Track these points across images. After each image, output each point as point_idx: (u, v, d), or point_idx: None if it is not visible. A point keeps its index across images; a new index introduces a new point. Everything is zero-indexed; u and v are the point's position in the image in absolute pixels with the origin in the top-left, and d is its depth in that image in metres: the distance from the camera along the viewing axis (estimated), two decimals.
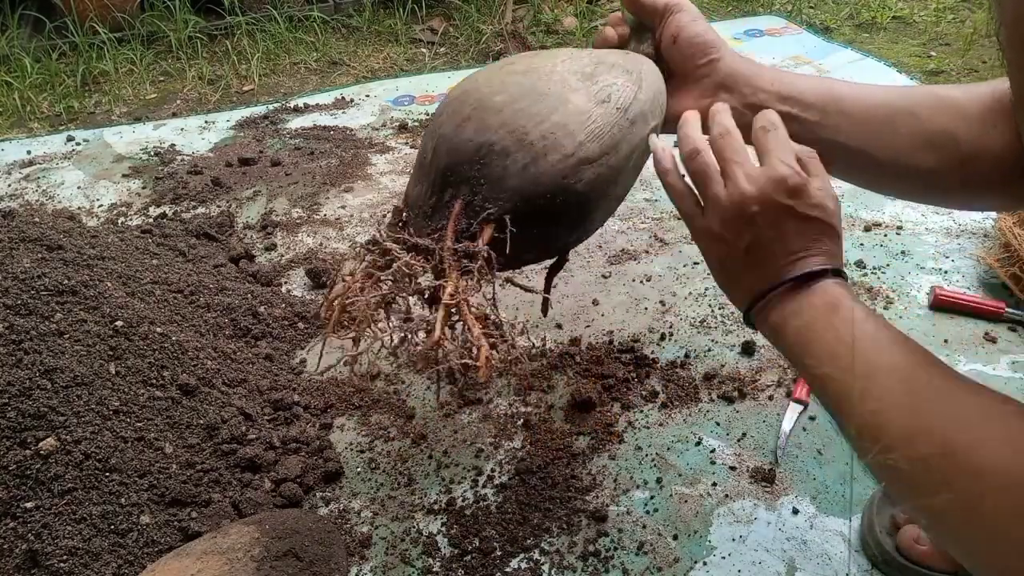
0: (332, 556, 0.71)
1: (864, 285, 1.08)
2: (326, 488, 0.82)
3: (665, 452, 0.85)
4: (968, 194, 0.68)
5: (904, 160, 0.64)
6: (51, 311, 0.81)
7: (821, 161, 0.58)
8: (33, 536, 0.69)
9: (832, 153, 0.64)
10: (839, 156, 0.65)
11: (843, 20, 2.07)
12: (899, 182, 0.68)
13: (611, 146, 0.61)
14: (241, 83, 1.93)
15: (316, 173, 1.44)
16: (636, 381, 0.93)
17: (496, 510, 0.78)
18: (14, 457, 0.71)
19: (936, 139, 0.63)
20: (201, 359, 0.89)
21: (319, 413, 0.90)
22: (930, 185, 0.66)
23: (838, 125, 0.64)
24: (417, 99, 1.77)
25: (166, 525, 0.74)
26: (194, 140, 1.63)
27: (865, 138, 0.64)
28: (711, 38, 0.66)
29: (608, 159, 0.61)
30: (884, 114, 0.64)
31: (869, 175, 0.69)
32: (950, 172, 0.63)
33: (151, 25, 2.10)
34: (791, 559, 0.73)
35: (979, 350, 0.97)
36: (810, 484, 0.80)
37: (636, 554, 0.74)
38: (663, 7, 0.67)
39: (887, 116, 0.64)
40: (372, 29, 2.17)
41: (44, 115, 1.81)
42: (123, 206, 1.37)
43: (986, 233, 1.17)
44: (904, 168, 0.64)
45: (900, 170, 0.65)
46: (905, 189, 0.73)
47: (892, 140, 0.64)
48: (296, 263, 1.19)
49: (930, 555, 0.69)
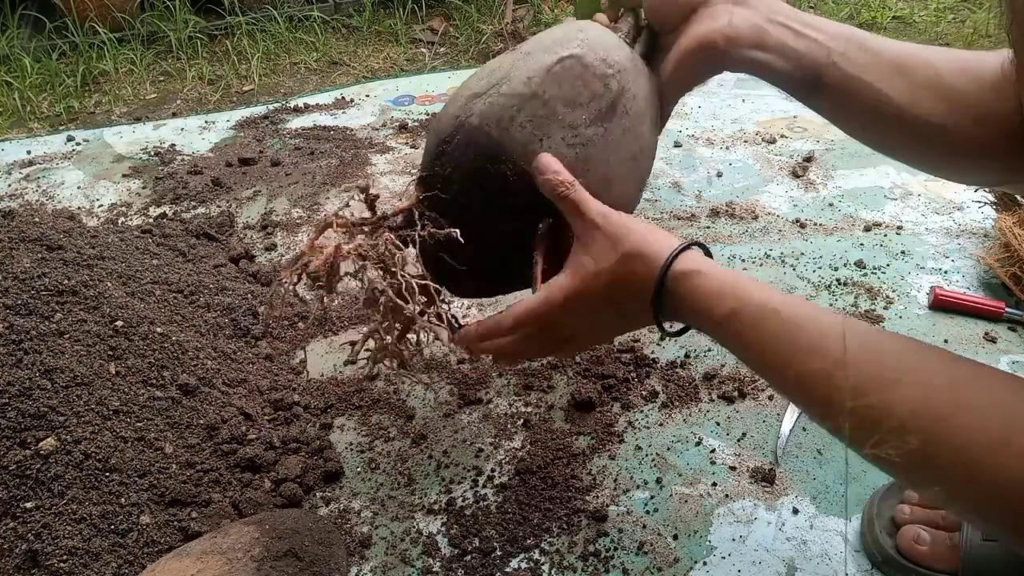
0: (332, 556, 0.71)
1: (864, 285, 1.08)
2: (326, 488, 0.82)
3: (665, 452, 0.85)
4: (971, 158, 0.67)
5: (918, 109, 0.62)
6: (51, 311, 0.81)
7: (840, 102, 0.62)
8: (33, 536, 0.69)
9: (852, 92, 0.62)
10: (857, 97, 0.63)
11: (843, 20, 2.07)
12: (909, 135, 0.66)
13: (501, 77, 0.62)
14: (241, 83, 1.94)
15: (316, 173, 1.44)
16: (636, 381, 0.93)
17: (496, 510, 0.78)
18: (14, 457, 0.71)
19: (950, 93, 0.61)
20: (201, 359, 0.89)
21: (319, 413, 0.90)
22: (937, 142, 0.65)
23: (862, 61, 0.62)
24: (417, 99, 1.77)
25: (166, 525, 0.74)
26: (194, 140, 1.63)
27: (885, 79, 0.62)
28: None
29: (499, 87, 0.62)
30: (904, 58, 0.62)
31: (882, 123, 0.66)
32: (959, 129, 0.62)
33: (151, 25, 2.10)
34: (791, 559, 0.73)
35: (979, 350, 0.97)
36: (810, 484, 0.80)
37: (636, 554, 0.74)
38: None
39: (906, 60, 0.62)
40: (372, 29, 2.17)
41: (44, 115, 1.81)
42: (123, 206, 1.37)
43: (986, 233, 1.17)
44: (916, 118, 0.63)
45: (912, 120, 0.63)
46: (912, 144, 0.70)
47: (909, 86, 0.62)
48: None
49: (930, 555, 0.69)
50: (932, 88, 0.62)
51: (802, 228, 1.22)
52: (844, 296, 1.07)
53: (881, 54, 0.63)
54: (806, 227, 1.22)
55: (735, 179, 1.38)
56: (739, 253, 1.16)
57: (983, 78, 0.61)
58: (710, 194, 1.33)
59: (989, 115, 0.61)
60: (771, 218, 1.25)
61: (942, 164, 0.75)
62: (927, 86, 0.62)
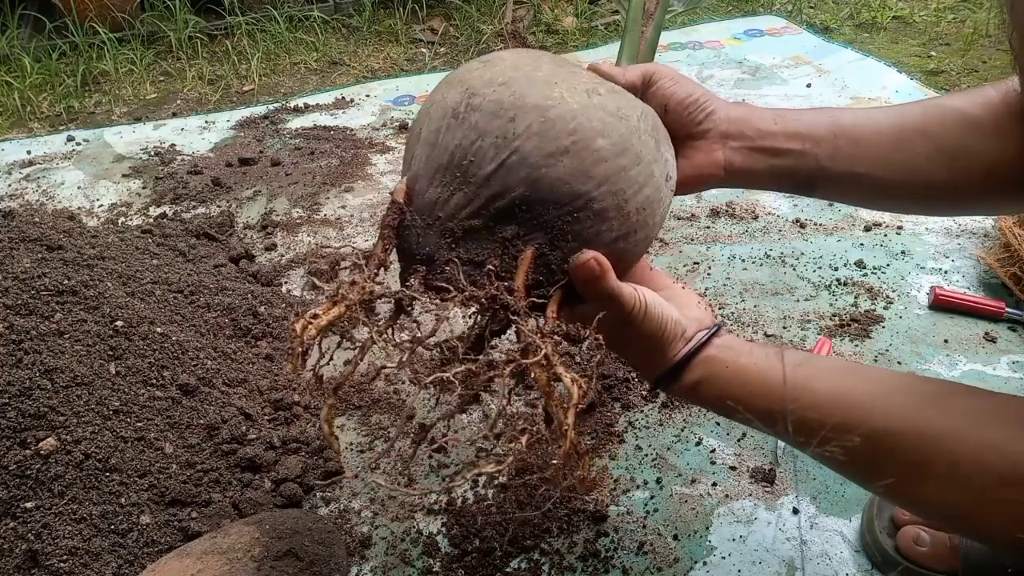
0: (332, 556, 0.71)
1: (864, 285, 1.08)
2: (326, 488, 0.82)
3: (665, 452, 0.85)
4: (991, 202, 0.68)
5: (921, 178, 0.63)
6: (51, 311, 0.81)
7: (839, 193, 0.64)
8: (33, 536, 0.69)
9: (847, 183, 0.64)
10: (854, 185, 0.64)
11: (843, 20, 2.07)
12: (918, 200, 0.67)
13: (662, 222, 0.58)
14: (241, 83, 1.93)
15: (316, 173, 1.44)
16: (636, 381, 0.93)
17: (496, 510, 0.78)
18: (14, 457, 0.71)
19: (951, 154, 0.62)
20: (201, 359, 0.89)
21: (319, 413, 0.90)
22: (950, 199, 0.66)
23: (852, 155, 0.63)
24: (417, 99, 1.77)
25: (166, 525, 0.74)
26: (194, 140, 1.63)
27: (879, 164, 0.63)
28: (699, 93, 0.64)
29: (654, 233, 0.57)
30: (895, 137, 0.63)
31: (886, 198, 0.67)
32: (969, 184, 0.62)
33: (151, 25, 2.10)
34: (791, 559, 0.73)
35: (979, 350, 0.97)
36: (810, 484, 0.80)
37: (636, 554, 0.74)
38: (642, 81, 0.64)
39: (898, 139, 0.63)
40: (372, 29, 2.17)
41: (44, 115, 1.80)
42: (123, 206, 1.37)
43: (986, 233, 1.17)
44: (921, 187, 0.64)
45: (917, 189, 0.64)
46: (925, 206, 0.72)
47: (906, 162, 0.63)
48: (296, 263, 1.19)
49: (930, 556, 0.69)
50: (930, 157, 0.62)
51: (802, 228, 1.22)
52: (844, 296, 1.07)
53: (869, 142, 0.63)
54: (806, 227, 1.22)
55: None
56: (739, 253, 1.16)
57: (982, 125, 0.61)
58: (710, 194, 1.33)
59: (996, 162, 0.60)
60: (771, 218, 1.25)
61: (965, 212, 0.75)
62: (925, 156, 0.62)
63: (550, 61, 0.56)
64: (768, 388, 0.53)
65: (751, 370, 0.54)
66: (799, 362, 0.54)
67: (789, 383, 0.52)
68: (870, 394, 0.51)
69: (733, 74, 1.77)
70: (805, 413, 0.51)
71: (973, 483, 0.46)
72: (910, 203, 0.70)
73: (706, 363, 0.55)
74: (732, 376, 0.54)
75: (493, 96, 0.51)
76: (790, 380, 0.52)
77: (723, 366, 0.55)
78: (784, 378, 0.52)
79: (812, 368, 0.54)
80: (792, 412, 0.51)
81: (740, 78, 1.75)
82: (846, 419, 0.50)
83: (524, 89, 0.51)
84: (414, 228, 0.53)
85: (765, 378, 0.53)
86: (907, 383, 0.52)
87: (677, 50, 1.93)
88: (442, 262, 0.52)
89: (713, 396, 0.55)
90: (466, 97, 0.52)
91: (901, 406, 0.49)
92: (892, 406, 0.49)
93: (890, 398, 0.50)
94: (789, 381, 0.52)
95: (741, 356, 0.55)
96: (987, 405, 0.49)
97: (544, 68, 0.54)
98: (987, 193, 0.64)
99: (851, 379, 0.53)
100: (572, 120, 0.51)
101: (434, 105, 0.55)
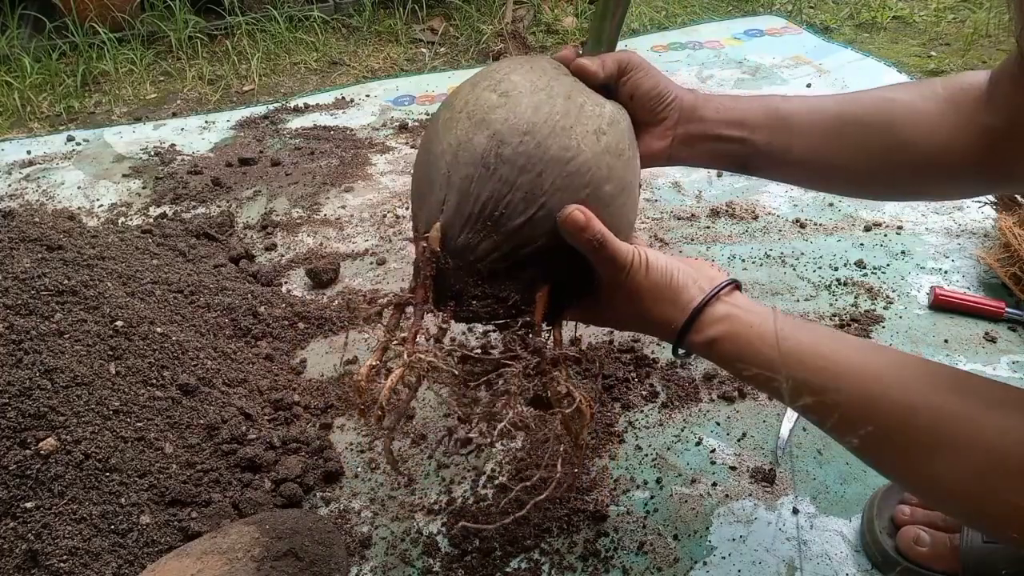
0: (332, 556, 0.71)
1: (864, 285, 1.08)
2: (326, 488, 0.82)
3: (665, 452, 0.84)
4: (932, 190, 0.72)
5: (857, 166, 0.66)
6: (51, 311, 0.81)
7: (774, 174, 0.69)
8: (33, 536, 0.69)
9: (785, 167, 0.69)
10: (792, 169, 0.69)
11: (843, 20, 2.07)
12: (855, 185, 0.70)
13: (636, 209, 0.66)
14: (241, 83, 1.93)
15: (316, 173, 1.44)
16: (636, 381, 0.93)
17: (496, 510, 0.78)
18: (14, 457, 0.71)
19: (889, 145, 0.64)
20: (201, 359, 0.89)
21: (319, 413, 0.90)
22: (887, 185, 0.69)
23: (787, 142, 0.67)
24: (417, 99, 1.77)
25: (166, 525, 0.74)
26: (194, 140, 1.63)
27: (815, 151, 0.67)
28: (663, 85, 0.68)
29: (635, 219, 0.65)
30: (832, 125, 0.66)
31: (821, 181, 0.72)
32: (908, 173, 0.65)
33: (151, 25, 2.10)
34: (791, 559, 0.73)
35: (979, 350, 0.97)
36: (810, 484, 0.80)
37: (636, 554, 0.74)
38: (618, 71, 0.67)
39: (835, 127, 0.66)
40: (372, 29, 2.17)
41: (44, 115, 1.81)
42: (123, 206, 1.37)
43: (986, 233, 1.17)
44: (856, 173, 0.67)
45: (852, 176, 0.67)
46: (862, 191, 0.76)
47: (841, 149, 0.66)
48: (296, 263, 1.19)
49: (930, 556, 0.69)
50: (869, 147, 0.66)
51: (802, 228, 1.22)
52: (844, 296, 1.07)
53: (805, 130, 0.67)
54: (806, 227, 1.22)
55: (735, 179, 1.38)
56: (739, 253, 1.16)
57: (925, 117, 0.63)
58: (710, 194, 1.33)
59: (939, 152, 0.63)
60: (771, 218, 1.25)
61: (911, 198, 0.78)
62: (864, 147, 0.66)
63: (559, 86, 0.60)
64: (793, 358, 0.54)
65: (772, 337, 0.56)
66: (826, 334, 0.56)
67: (814, 353, 0.54)
68: (892, 365, 0.52)
69: (733, 74, 1.77)
70: (826, 384, 0.53)
71: (984, 466, 0.47)
72: (846, 187, 0.73)
73: (728, 320, 0.57)
74: (756, 338, 0.56)
75: (520, 148, 0.56)
76: (815, 350, 0.54)
77: (747, 326, 0.57)
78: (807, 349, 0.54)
79: (838, 342, 0.55)
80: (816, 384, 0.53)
81: (740, 78, 1.75)
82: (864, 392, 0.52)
83: (547, 141, 0.57)
84: (446, 268, 0.59)
85: (789, 346, 0.54)
86: (926, 364, 0.54)
87: (677, 50, 1.93)
88: (469, 298, 0.59)
89: (733, 354, 0.57)
90: (494, 146, 0.57)
91: (918, 382, 0.51)
92: (909, 380, 0.51)
93: (907, 372, 0.52)
94: (814, 351, 0.54)
95: (767, 320, 0.56)
96: (1003, 394, 0.49)
97: (558, 103, 0.59)
98: (926, 182, 0.66)
99: (872, 354, 0.54)
100: (587, 173, 0.57)
101: (461, 146, 0.58)
